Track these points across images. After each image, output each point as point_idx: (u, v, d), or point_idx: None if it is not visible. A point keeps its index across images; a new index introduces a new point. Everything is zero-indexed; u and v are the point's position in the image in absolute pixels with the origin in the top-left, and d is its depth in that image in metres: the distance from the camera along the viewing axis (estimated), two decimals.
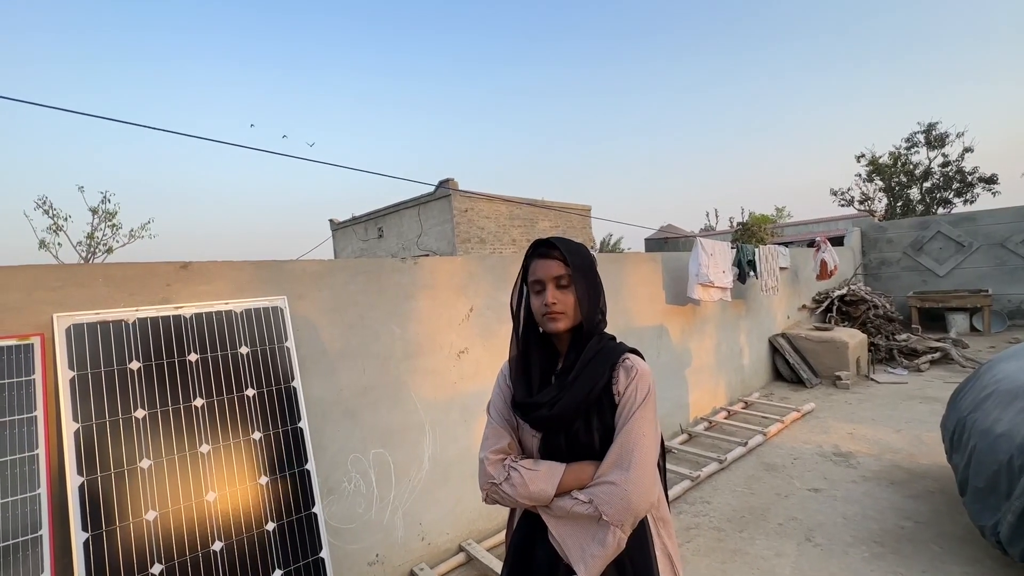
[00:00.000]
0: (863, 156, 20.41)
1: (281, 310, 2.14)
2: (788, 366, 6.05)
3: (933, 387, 5.44)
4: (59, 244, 12.27)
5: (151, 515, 1.66)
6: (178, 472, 1.75)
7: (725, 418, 4.84)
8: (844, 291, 7.53)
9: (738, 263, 5.07)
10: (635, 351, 1.12)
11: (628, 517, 0.97)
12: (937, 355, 6.52)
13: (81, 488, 1.57)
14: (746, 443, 3.99)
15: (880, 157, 20.02)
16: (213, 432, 1.85)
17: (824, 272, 6.75)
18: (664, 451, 1.21)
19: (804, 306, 7.36)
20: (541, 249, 1.12)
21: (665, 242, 16.26)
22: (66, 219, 12.32)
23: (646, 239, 16.49)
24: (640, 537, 1.04)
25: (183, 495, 1.74)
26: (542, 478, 1.03)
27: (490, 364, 2.99)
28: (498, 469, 1.07)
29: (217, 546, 1.76)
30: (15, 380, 1.55)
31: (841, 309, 7.43)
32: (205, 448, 1.82)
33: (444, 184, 12.02)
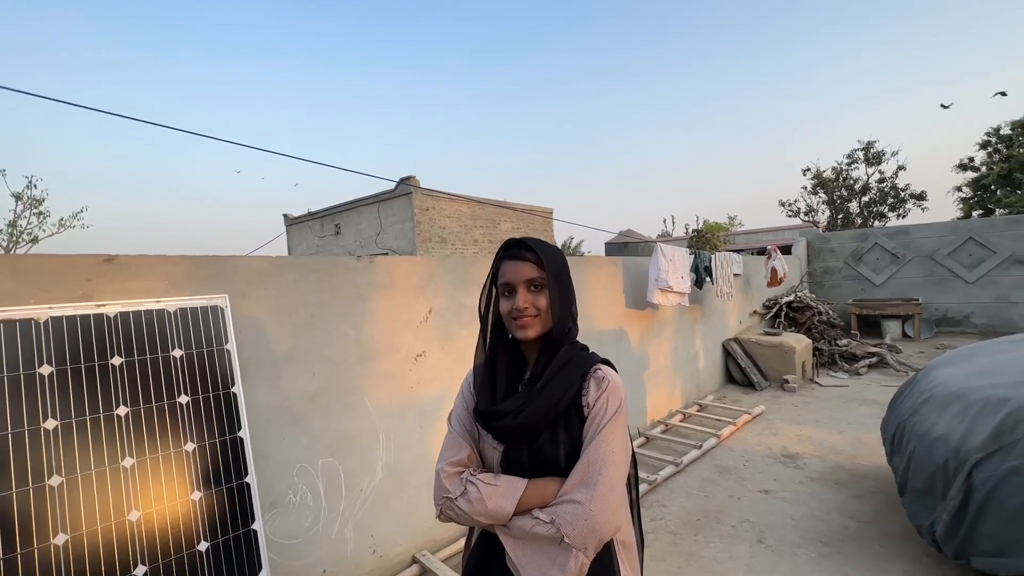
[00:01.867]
0: (808, 170, 21.59)
1: (221, 309, 1.97)
2: (740, 370, 6.24)
3: (871, 390, 5.75)
4: None
5: (60, 539, 1.48)
6: (95, 489, 1.56)
7: (681, 421, 4.92)
8: (792, 298, 7.87)
9: (695, 269, 5.18)
10: (607, 362, 1.07)
11: (592, 540, 0.90)
12: (874, 359, 6.91)
13: None
14: (700, 446, 4.06)
15: (824, 171, 21.22)
16: (139, 444, 1.67)
17: (775, 279, 7.03)
18: (636, 469, 1.16)
19: (755, 312, 7.64)
20: (513, 250, 1.04)
21: (625, 246, 16.59)
22: None
23: (607, 243, 16.78)
24: (604, 565, 0.98)
25: (101, 515, 1.55)
26: (501, 494, 0.95)
27: (449, 368, 2.90)
28: (454, 483, 0.99)
29: (140, 571, 1.58)
30: None
31: (789, 315, 7.76)
32: (128, 462, 1.64)
33: (405, 181, 11.76)
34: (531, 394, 1.00)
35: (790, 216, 22.62)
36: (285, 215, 17.60)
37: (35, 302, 1.62)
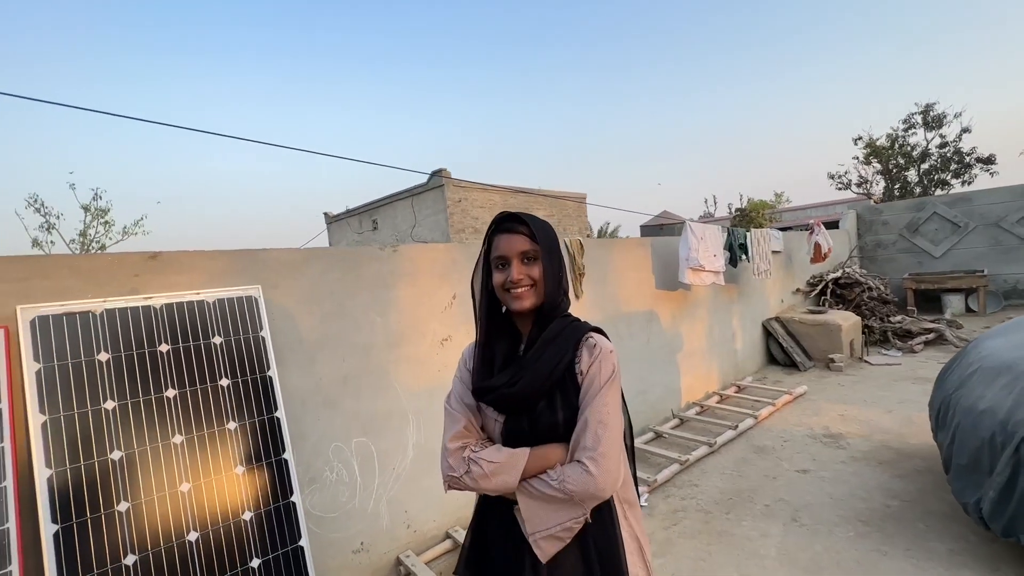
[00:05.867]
0: (860, 139, 20.26)
1: (255, 299, 2.12)
2: (782, 349, 6.04)
3: (926, 368, 5.44)
4: (52, 242, 12.24)
5: (123, 506, 1.65)
6: (150, 463, 1.74)
7: (717, 402, 4.84)
8: (839, 274, 7.50)
9: (729, 247, 5.04)
10: (599, 330, 1.10)
11: (591, 497, 0.96)
12: (932, 336, 6.51)
13: (49, 480, 1.55)
14: (736, 427, 3.99)
15: (878, 139, 19.87)
16: (186, 422, 1.83)
17: (818, 255, 6.72)
18: (631, 431, 1.19)
19: (798, 290, 7.34)
20: (506, 224, 1.08)
21: (661, 228, 16.21)
22: (58, 217, 12.27)
23: (642, 226, 16.45)
24: (605, 521, 1.02)
25: (156, 486, 1.73)
26: (504, 470, 0.99)
27: None
28: (457, 460, 1.03)
29: (192, 536, 1.75)
30: None
31: (835, 292, 7.41)
32: (178, 439, 1.81)
33: (437, 174, 11.93)
34: (525, 364, 1.04)
35: (840, 189, 21.34)
36: (325, 213, 18.23)
37: (91, 296, 1.80)
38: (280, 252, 2.30)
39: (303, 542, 1.98)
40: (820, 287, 7.44)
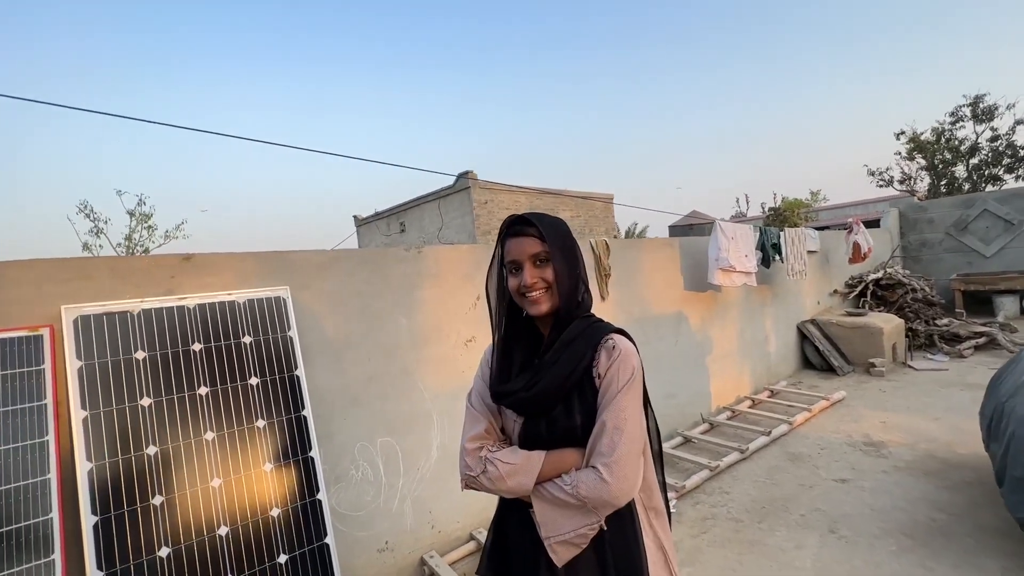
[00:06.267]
0: (903, 133, 19.37)
1: (284, 300, 2.16)
2: (818, 353, 5.81)
3: (976, 374, 5.14)
4: (100, 246, 12.86)
5: (158, 500, 1.71)
6: (183, 458, 1.79)
7: (750, 407, 4.69)
8: (879, 274, 7.17)
9: (761, 247, 4.88)
10: (621, 331, 1.06)
11: (605, 504, 0.93)
12: (982, 340, 6.15)
13: (90, 473, 1.62)
14: (769, 432, 3.85)
15: (922, 133, 18.95)
16: (217, 420, 1.89)
17: (857, 255, 6.44)
18: (659, 435, 1.16)
19: (836, 291, 7.05)
20: (515, 227, 1.06)
21: (691, 228, 15.89)
22: (106, 222, 12.90)
23: (670, 226, 16.16)
24: (626, 528, 1.00)
25: (189, 481, 1.78)
26: (520, 471, 0.99)
27: None
28: (475, 460, 1.04)
29: (223, 531, 1.80)
30: (26, 370, 1.61)
31: (876, 293, 7.09)
32: (210, 435, 1.86)
33: (464, 176, 12.01)
34: (542, 367, 1.02)
35: (881, 186, 20.44)
36: (355, 216, 18.59)
37: (130, 297, 1.87)
38: (308, 254, 2.34)
39: (329, 539, 2.00)
40: (860, 288, 7.13)
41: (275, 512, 1.91)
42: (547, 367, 1.02)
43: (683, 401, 4.25)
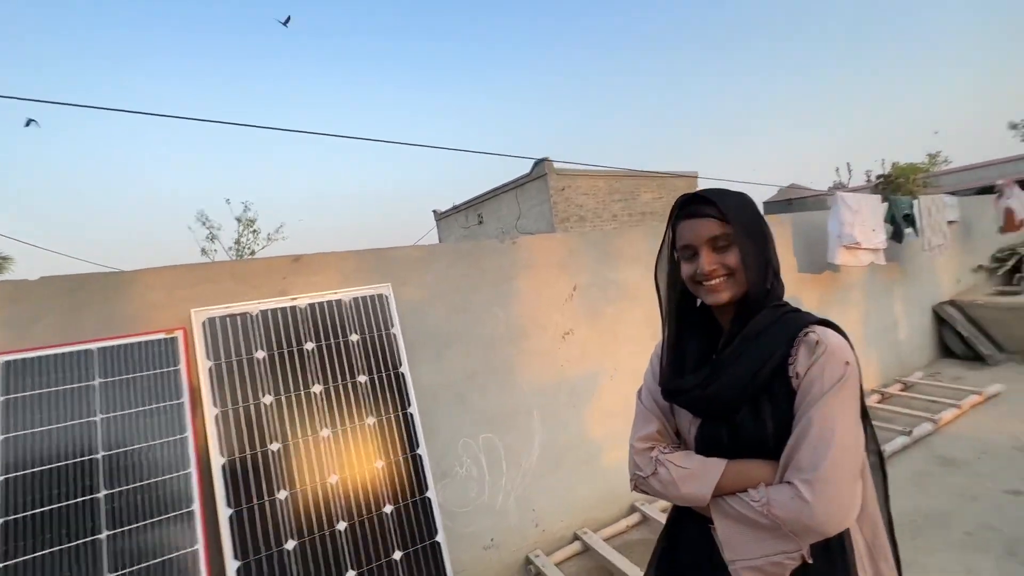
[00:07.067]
0: None
1: (386, 297, 2.16)
2: (961, 340, 5.01)
3: None
4: (215, 251, 14.33)
5: (283, 494, 1.77)
6: (303, 455, 1.84)
7: (879, 402, 4.14)
8: None
9: (891, 219, 4.26)
10: (827, 322, 0.87)
11: (806, 530, 0.76)
12: None
13: (223, 468, 1.70)
14: (910, 432, 3.35)
15: None
16: (331, 417, 1.92)
17: (1011, 223, 5.46)
18: (881, 458, 0.94)
19: (980, 267, 6.05)
20: (690, 207, 0.91)
21: (790, 203, 14.54)
22: (218, 229, 14.33)
23: (765, 202, 14.89)
24: (836, 566, 0.81)
25: (308, 477, 1.82)
26: (696, 478, 0.86)
27: (597, 345, 2.81)
28: (645, 460, 0.94)
29: (341, 526, 1.83)
30: (164, 370, 1.71)
31: None
32: (325, 432, 1.90)
33: (540, 163, 11.84)
34: (720, 363, 0.87)
35: None
36: (434, 211, 19.13)
37: (249, 298, 1.94)
38: (407, 250, 2.33)
39: (439, 537, 1.99)
40: (1012, 263, 6.06)
41: (388, 509, 1.92)
42: (727, 363, 0.86)
43: None
